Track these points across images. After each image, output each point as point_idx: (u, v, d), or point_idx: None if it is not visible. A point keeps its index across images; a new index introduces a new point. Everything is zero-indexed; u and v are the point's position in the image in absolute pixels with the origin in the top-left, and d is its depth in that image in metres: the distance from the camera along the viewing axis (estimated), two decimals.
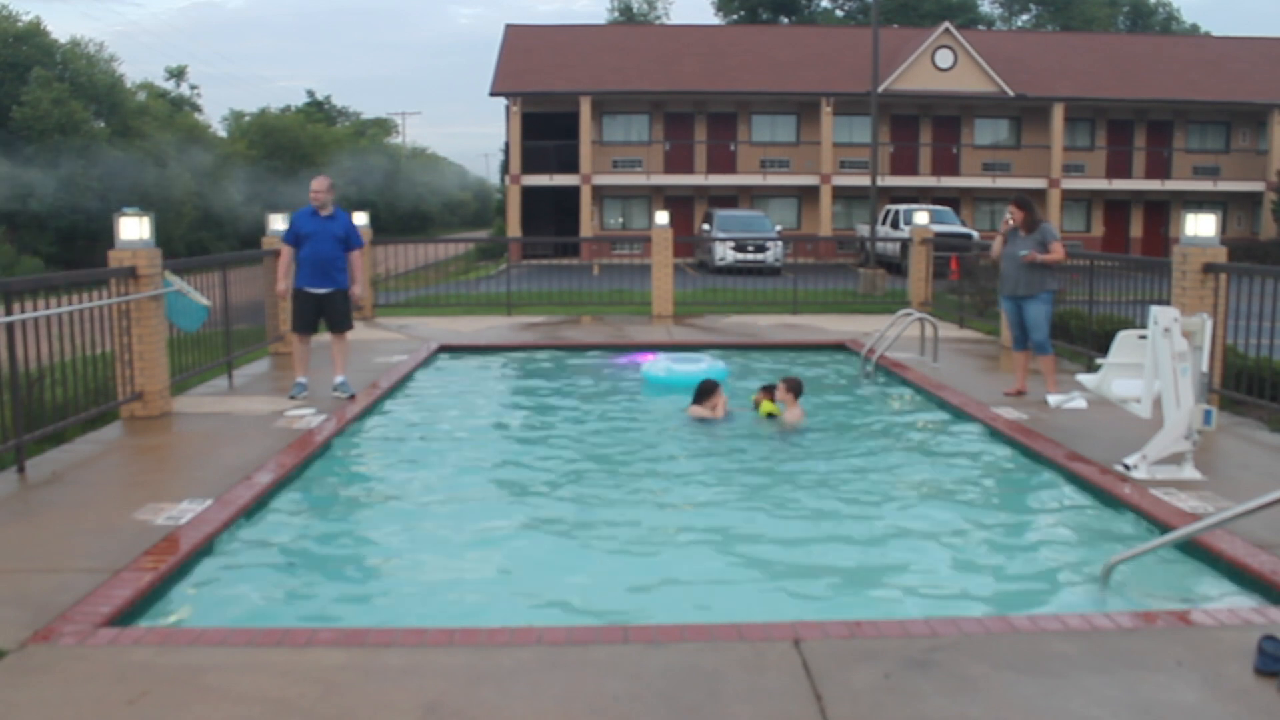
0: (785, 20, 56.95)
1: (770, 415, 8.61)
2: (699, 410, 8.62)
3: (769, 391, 8.78)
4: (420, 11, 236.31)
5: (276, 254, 12.16)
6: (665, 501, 6.57)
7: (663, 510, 6.39)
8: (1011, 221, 9.14)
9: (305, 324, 9.31)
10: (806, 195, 37.51)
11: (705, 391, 8.64)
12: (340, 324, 9.33)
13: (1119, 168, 38.12)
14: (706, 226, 31.37)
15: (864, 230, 31.01)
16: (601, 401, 9.81)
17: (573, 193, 36.26)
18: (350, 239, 9.20)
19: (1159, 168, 38.00)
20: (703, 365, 10.46)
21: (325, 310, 9.25)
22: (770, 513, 6.27)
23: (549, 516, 6.25)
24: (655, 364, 10.81)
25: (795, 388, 8.66)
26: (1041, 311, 8.98)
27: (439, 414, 9.14)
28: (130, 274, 8.17)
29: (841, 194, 37.02)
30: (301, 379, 9.24)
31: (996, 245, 9.46)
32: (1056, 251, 8.86)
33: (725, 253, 28.12)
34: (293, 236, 9.22)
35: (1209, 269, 8.41)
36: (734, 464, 7.48)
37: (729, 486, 6.88)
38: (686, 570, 5.33)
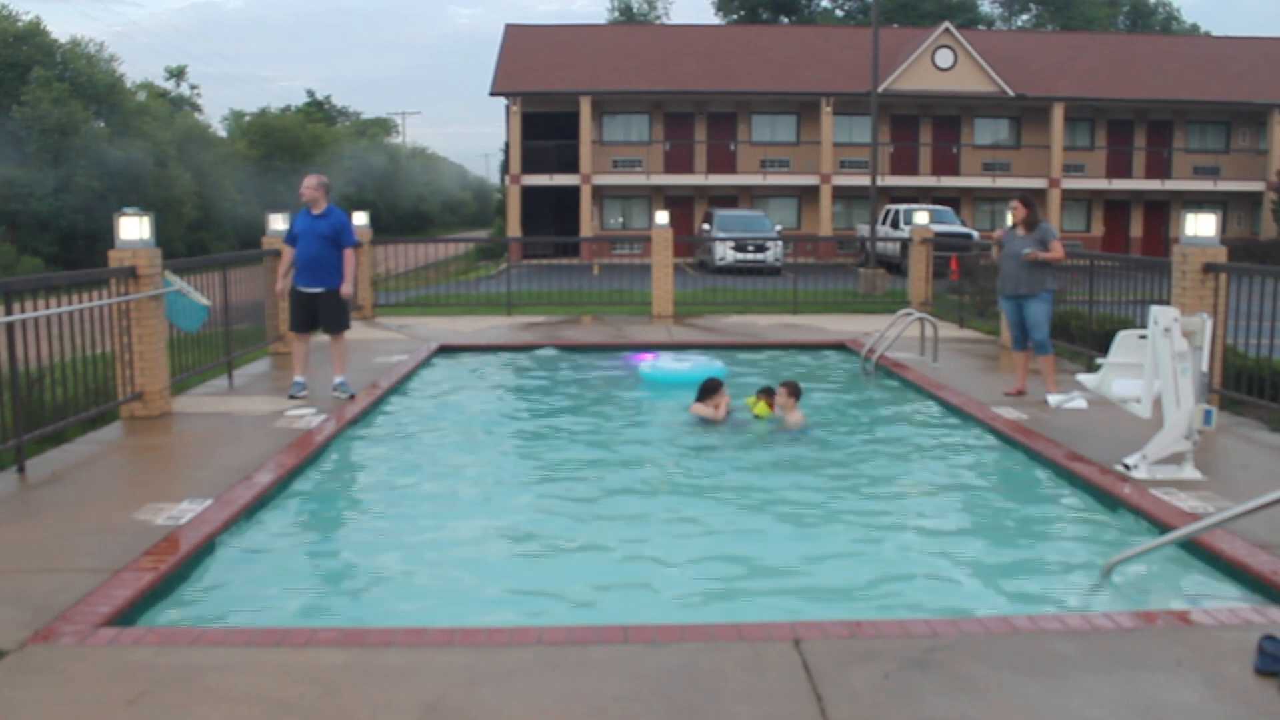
0: (785, 20, 56.93)
1: (757, 417, 8.67)
2: (702, 409, 8.62)
3: (767, 394, 8.78)
4: (420, 12, 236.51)
5: (277, 254, 12.19)
6: (666, 501, 6.57)
7: (663, 509, 6.37)
8: (1011, 220, 9.17)
9: (300, 323, 9.28)
10: (806, 195, 37.51)
11: (708, 390, 8.63)
12: (333, 325, 9.25)
13: (1119, 168, 38.12)
14: (706, 226, 31.36)
15: (864, 230, 31.00)
16: (602, 401, 9.81)
17: (573, 193, 36.25)
18: (341, 237, 9.02)
19: (1159, 168, 38.00)
20: (687, 365, 10.62)
21: (318, 310, 9.19)
22: (770, 512, 6.27)
23: (549, 516, 6.24)
24: (648, 362, 10.98)
25: (795, 391, 8.66)
26: (1042, 311, 9.00)
27: (439, 414, 9.14)
28: (130, 274, 8.16)
29: (841, 194, 37.01)
30: (299, 378, 9.19)
31: (995, 252, 9.53)
32: (1056, 250, 8.88)
33: (725, 253, 28.11)
34: (290, 237, 9.26)
35: (1209, 269, 8.41)
36: (734, 464, 7.47)
37: (729, 486, 6.87)
38: (686, 570, 5.33)
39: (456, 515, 6.26)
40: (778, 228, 31.18)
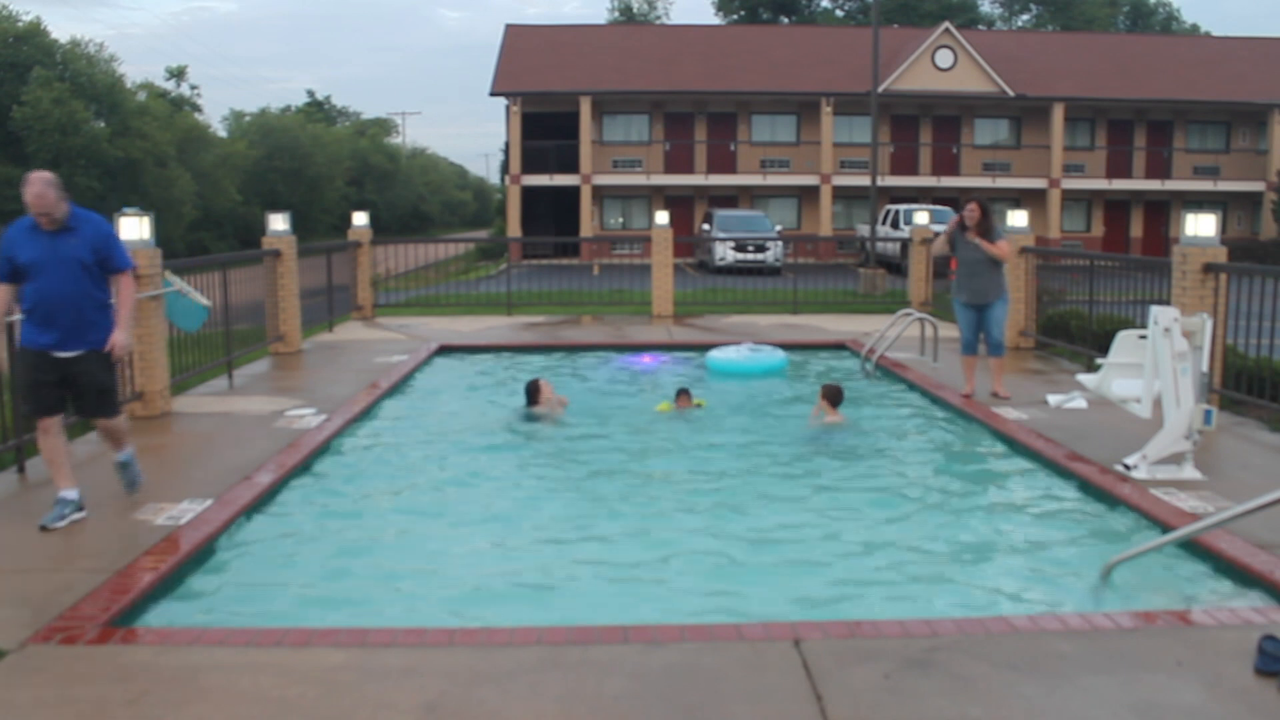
0: (785, 20, 56.93)
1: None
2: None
3: (683, 394, 9.13)
4: (420, 13, 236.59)
5: (277, 254, 12.09)
6: (665, 501, 6.57)
7: (663, 510, 6.38)
8: (966, 223, 9.05)
9: (45, 403, 5.56)
10: (806, 195, 37.50)
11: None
12: (98, 407, 5.72)
13: (1119, 168, 38.10)
14: (706, 226, 31.37)
15: (864, 230, 31.00)
16: (602, 401, 9.80)
17: (573, 193, 36.25)
18: (109, 259, 5.56)
19: (1159, 168, 37.98)
20: (755, 354, 11.34)
21: (72, 384, 5.57)
22: (769, 512, 6.27)
23: (549, 516, 6.24)
24: (715, 352, 11.54)
25: (835, 397, 8.61)
26: (1003, 314, 9.17)
27: (439, 414, 9.13)
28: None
29: (841, 194, 37.00)
30: (66, 492, 5.55)
31: (940, 242, 9.45)
32: (1002, 248, 8.96)
33: (725, 253, 28.11)
34: (7, 269, 5.47)
35: (1209, 269, 8.41)
36: (733, 464, 7.47)
37: (728, 486, 6.88)
38: (687, 570, 5.33)
39: (456, 515, 6.26)
40: (778, 228, 31.17)
